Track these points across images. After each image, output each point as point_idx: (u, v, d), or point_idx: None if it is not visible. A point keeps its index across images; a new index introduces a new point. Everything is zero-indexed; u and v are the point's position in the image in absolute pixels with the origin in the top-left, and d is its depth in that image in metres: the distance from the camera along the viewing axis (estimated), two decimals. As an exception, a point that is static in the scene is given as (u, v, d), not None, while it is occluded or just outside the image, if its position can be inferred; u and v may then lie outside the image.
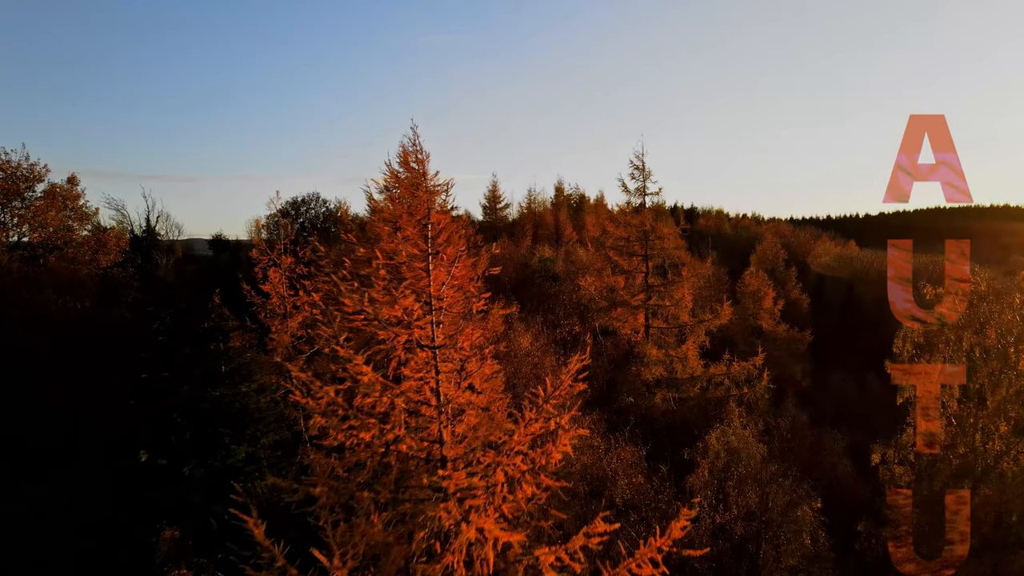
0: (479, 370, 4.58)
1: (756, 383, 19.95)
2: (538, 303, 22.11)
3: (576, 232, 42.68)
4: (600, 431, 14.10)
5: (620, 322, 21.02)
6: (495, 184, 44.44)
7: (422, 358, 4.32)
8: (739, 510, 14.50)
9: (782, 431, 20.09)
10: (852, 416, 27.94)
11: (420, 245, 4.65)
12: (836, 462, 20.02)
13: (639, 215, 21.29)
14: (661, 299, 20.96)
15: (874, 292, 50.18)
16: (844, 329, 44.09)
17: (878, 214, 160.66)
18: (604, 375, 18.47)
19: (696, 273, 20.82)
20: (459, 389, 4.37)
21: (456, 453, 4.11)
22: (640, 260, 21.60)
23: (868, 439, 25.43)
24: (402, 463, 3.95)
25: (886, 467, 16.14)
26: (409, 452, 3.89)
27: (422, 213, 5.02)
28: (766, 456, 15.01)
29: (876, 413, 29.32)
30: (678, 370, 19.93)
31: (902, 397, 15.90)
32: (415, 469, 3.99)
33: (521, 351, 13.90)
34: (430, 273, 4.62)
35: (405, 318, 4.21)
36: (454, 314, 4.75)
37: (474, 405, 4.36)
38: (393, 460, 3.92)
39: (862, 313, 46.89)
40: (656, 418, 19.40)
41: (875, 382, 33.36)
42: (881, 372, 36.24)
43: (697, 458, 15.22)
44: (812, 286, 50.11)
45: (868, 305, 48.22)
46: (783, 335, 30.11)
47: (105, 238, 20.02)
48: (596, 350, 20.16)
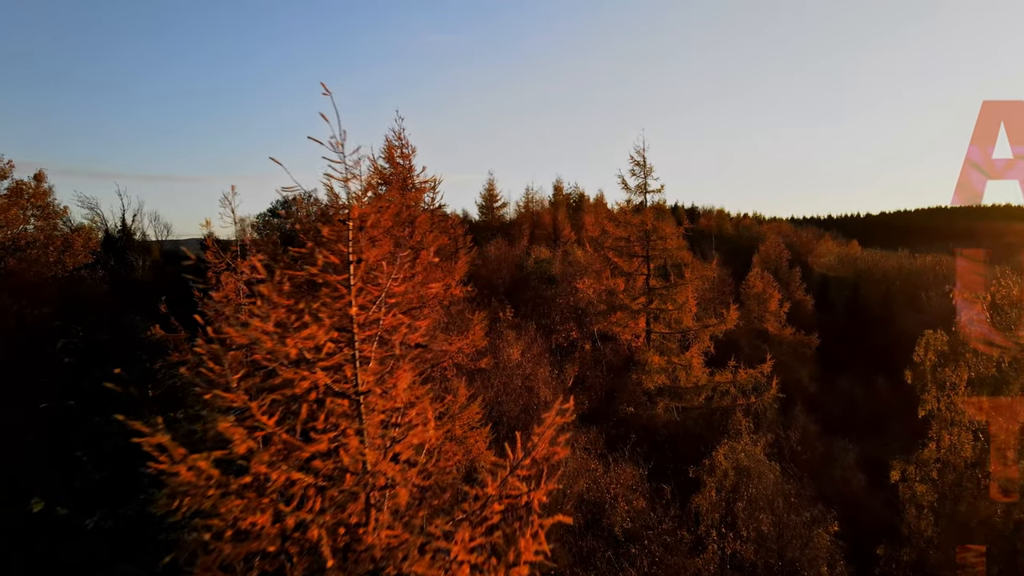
0: (420, 427, 3.39)
1: (764, 392, 18.78)
2: (533, 307, 20.93)
3: (575, 232, 41.49)
4: (598, 449, 12.95)
5: (620, 327, 19.86)
6: (491, 182, 43.26)
7: (340, 409, 3.18)
8: (749, 532, 13.36)
9: (792, 443, 18.97)
10: (861, 422, 26.83)
11: (338, 249, 3.50)
12: (850, 476, 18.87)
13: (640, 214, 20.12)
14: (663, 302, 19.79)
15: (879, 293, 49.16)
16: (849, 331, 42.92)
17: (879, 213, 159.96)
18: (603, 385, 17.31)
19: (701, 275, 19.65)
20: (385, 457, 3.21)
21: (386, 543, 2.97)
22: (641, 261, 20.44)
23: (880, 448, 24.36)
24: (311, 556, 2.83)
25: (907, 484, 14.98)
26: (320, 542, 2.76)
27: (338, 206, 3.84)
28: (779, 475, 13.85)
29: (886, 419, 28.26)
30: (681, 378, 18.77)
31: (924, 410, 14.73)
32: (334, 566, 2.85)
33: (511, 363, 12.71)
34: (351, 288, 3.47)
35: (308, 355, 3.06)
36: (392, 344, 3.59)
37: (408, 481, 3.20)
38: (295, 553, 2.79)
39: (867, 314, 45.82)
40: (658, 429, 18.24)
41: (883, 386, 32.27)
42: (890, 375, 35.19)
43: (703, 476, 14.07)
44: (815, 287, 49.02)
45: (873, 306, 47.19)
46: (789, 339, 28.96)
47: (73, 238, 18.82)
48: (595, 357, 19.00)
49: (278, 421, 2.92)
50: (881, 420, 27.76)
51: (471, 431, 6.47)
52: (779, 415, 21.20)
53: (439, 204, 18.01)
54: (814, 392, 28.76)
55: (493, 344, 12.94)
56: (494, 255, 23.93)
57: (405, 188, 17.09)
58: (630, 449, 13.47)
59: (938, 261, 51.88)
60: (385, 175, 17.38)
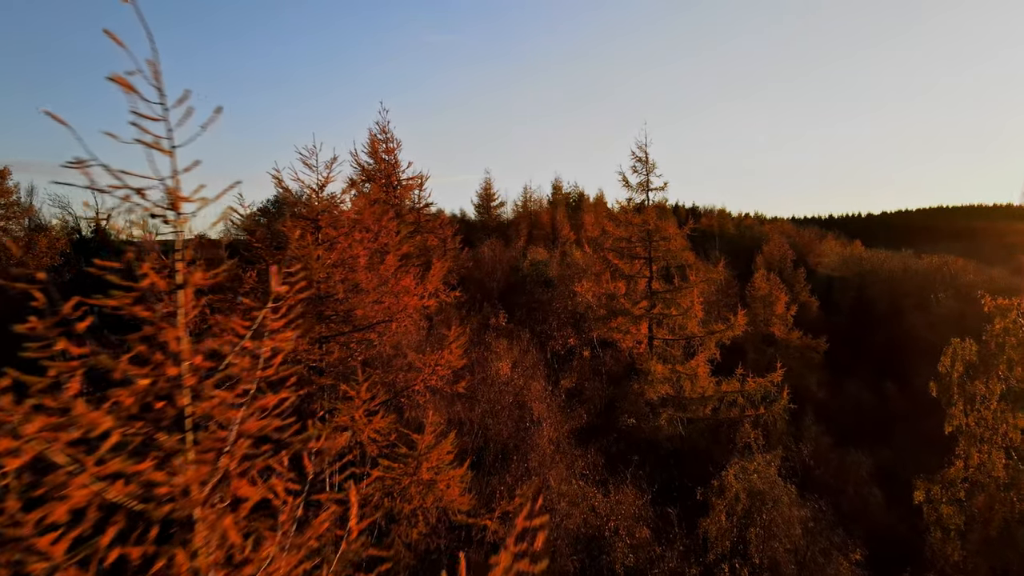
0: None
1: (775, 402, 17.62)
2: (528, 312, 19.72)
3: (574, 232, 40.30)
4: (597, 474, 11.78)
5: (620, 333, 18.68)
6: (488, 181, 42.02)
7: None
8: (763, 561, 12.20)
9: (804, 457, 17.81)
10: (872, 431, 25.66)
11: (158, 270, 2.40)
12: (866, 493, 17.69)
13: (642, 213, 18.95)
14: (667, 307, 18.61)
15: (885, 293, 47.97)
16: (855, 333, 41.71)
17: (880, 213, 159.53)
18: (602, 396, 16.12)
19: (706, 278, 18.47)
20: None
21: None
22: (643, 263, 19.27)
23: (893, 459, 23.21)
24: None
25: (931, 506, 13.85)
26: None
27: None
28: (795, 497, 12.69)
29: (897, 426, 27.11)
30: (686, 388, 17.60)
31: (951, 425, 13.57)
32: None
33: (501, 378, 11.48)
34: (178, 323, 2.34)
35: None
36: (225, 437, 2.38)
37: None
38: None
39: (873, 316, 44.67)
40: (661, 443, 17.08)
41: (892, 391, 31.13)
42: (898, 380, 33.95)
43: (712, 498, 12.91)
44: (819, 288, 47.84)
45: (879, 307, 46.01)
46: (797, 343, 27.80)
47: (37, 238, 17.65)
48: (594, 366, 17.82)
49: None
50: (892, 427, 26.61)
51: (441, 473, 5.30)
52: (789, 426, 20.06)
53: (427, 203, 16.86)
54: (822, 398, 27.59)
55: (482, 356, 11.75)
56: (488, 257, 22.69)
57: (390, 186, 15.93)
58: (632, 471, 12.29)
59: (945, 262, 50.71)
60: (369, 171, 16.20)
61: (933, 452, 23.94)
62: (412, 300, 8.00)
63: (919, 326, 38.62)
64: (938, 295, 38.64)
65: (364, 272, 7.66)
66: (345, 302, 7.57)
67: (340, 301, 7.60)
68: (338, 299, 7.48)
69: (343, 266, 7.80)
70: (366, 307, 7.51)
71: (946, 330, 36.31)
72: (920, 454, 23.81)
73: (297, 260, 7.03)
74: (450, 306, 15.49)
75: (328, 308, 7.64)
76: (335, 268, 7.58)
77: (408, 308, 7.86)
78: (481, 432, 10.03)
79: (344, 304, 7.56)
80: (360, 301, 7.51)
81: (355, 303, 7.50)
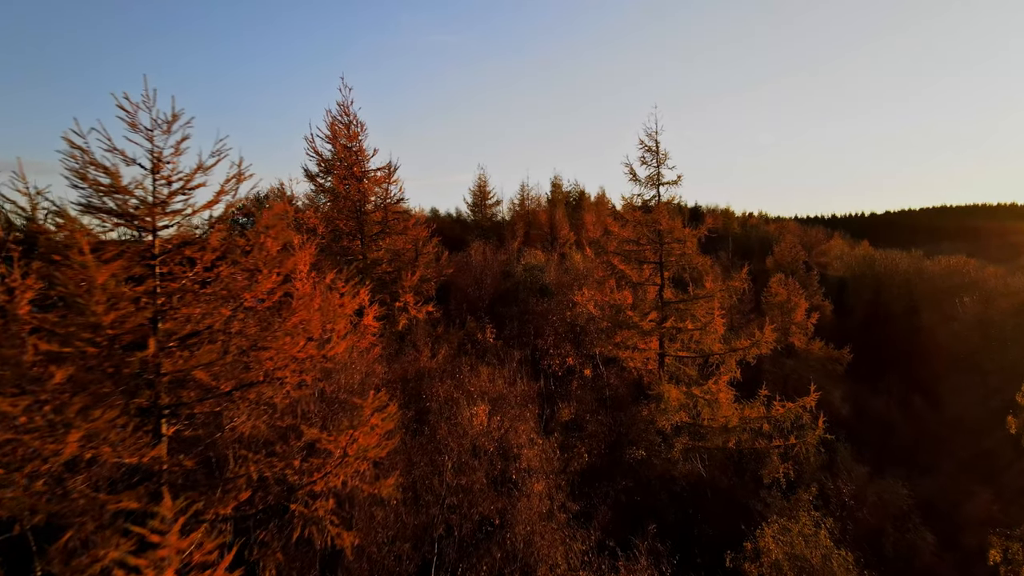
0: None
1: (808, 431, 15.09)
2: (521, 325, 17.19)
3: (574, 232, 37.73)
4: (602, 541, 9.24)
5: (627, 350, 16.15)
6: (482, 177, 39.36)
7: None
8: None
9: (843, 496, 15.25)
10: (906, 455, 23.13)
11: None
12: (914, 539, 15.12)
13: (652, 211, 16.43)
14: (680, 319, 16.06)
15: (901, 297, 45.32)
16: (872, 340, 39.07)
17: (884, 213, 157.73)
18: (606, 433, 13.51)
19: (727, 287, 15.93)
20: None
21: None
22: (653, 269, 16.74)
23: (935, 490, 20.62)
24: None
25: (1011, 568, 11.36)
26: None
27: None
28: (852, 568, 10.15)
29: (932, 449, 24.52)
30: (705, 416, 15.07)
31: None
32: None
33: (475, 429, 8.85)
34: None
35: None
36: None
37: None
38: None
39: (890, 321, 42.15)
40: (676, 479, 14.55)
41: (921, 407, 28.54)
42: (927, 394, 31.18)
43: (745, 566, 10.39)
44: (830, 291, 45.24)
45: (896, 312, 43.44)
46: (818, 354, 25.26)
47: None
48: (596, 390, 15.28)
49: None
50: (927, 451, 24.06)
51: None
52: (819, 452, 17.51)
53: (399, 198, 14.30)
54: (846, 416, 25.02)
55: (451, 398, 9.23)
56: (477, 261, 20.10)
57: (352, 177, 13.38)
58: (647, 536, 9.74)
59: (963, 264, 48.12)
60: (326, 161, 13.66)
61: (976, 480, 21.44)
62: (341, 324, 5.52)
63: (942, 333, 36.08)
64: (963, 300, 36.04)
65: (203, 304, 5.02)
66: (175, 357, 4.91)
67: (169, 355, 4.97)
68: (168, 352, 4.69)
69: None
70: (216, 364, 4.91)
71: (972, 338, 33.74)
72: (963, 483, 21.30)
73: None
74: (422, 323, 12.99)
75: (150, 370, 5.01)
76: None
77: (335, 349, 5.32)
78: (441, 518, 7.39)
79: (174, 359, 4.90)
80: (205, 354, 4.87)
81: (192, 361, 4.83)
